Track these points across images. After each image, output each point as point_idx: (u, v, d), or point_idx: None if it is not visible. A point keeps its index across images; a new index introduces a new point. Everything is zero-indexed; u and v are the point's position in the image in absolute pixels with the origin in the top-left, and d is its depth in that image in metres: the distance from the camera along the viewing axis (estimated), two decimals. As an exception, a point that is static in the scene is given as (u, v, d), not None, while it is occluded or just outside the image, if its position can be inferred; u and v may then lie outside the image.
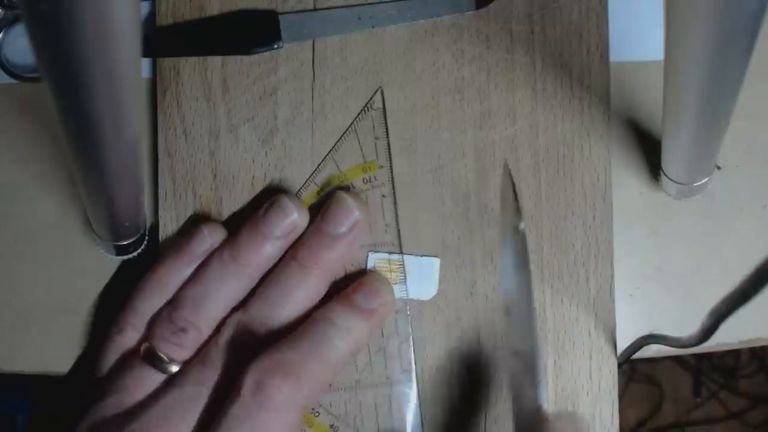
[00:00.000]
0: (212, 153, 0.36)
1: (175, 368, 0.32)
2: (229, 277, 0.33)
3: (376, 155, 0.35)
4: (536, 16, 0.36)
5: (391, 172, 0.35)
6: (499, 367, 0.35)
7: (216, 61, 0.36)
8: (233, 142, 0.36)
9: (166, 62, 0.36)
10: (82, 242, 0.36)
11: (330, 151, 0.35)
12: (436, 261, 0.35)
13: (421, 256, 0.35)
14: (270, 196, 0.34)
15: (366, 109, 0.35)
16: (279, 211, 0.33)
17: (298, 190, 0.35)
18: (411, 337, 0.35)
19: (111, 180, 0.27)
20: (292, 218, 0.33)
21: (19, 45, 0.37)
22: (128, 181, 0.28)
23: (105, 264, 0.36)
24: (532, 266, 0.35)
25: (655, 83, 0.35)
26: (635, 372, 1.19)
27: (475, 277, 0.35)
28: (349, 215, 0.33)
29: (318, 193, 0.35)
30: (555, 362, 0.35)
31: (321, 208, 0.34)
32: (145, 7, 0.36)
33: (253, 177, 0.36)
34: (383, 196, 0.35)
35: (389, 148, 0.35)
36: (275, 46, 0.36)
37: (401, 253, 0.35)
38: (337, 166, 0.35)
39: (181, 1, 0.36)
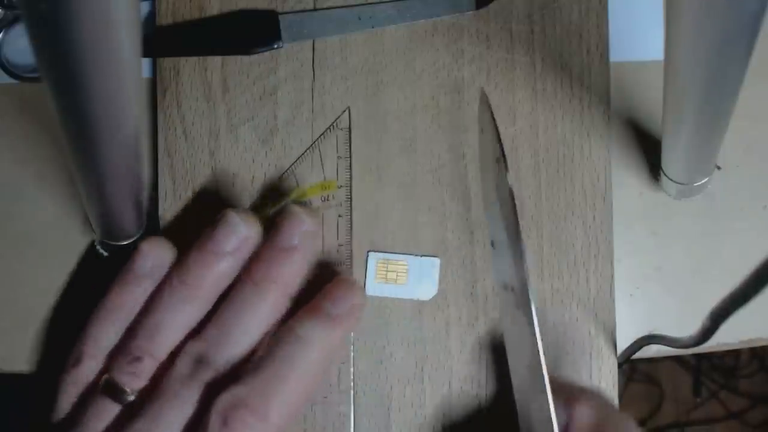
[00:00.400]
0: (212, 153, 0.36)
1: (129, 398, 0.31)
2: (179, 303, 0.31)
3: (337, 175, 0.35)
4: (536, 16, 0.36)
5: (350, 192, 0.35)
6: (498, 364, 0.35)
7: (216, 61, 0.36)
8: (233, 142, 0.36)
9: (166, 62, 0.36)
10: (82, 242, 0.36)
11: (291, 166, 0.35)
12: (437, 261, 0.35)
13: (421, 256, 0.35)
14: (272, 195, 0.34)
15: (332, 127, 0.35)
16: (226, 227, 0.31)
17: (252, 204, 0.35)
18: (351, 356, 0.35)
19: (111, 180, 0.27)
20: (241, 233, 0.31)
21: (19, 45, 0.37)
22: (128, 181, 0.28)
23: (105, 264, 0.36)
24: (533, 266, 0.35)
25: (655, 83, 0.35)
26: (635, 372, 1.19)
27: (475, 277, 0.35)
28: (301, 226, 0.32)
29: (274, 205, 0.35)
30: (555, 362, 0.35)
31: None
32: (145, 7, 0.36)
33: (253, 177, 0.36)
34: (339, 216, 0.35)
35: (351, 169, 0.35)
36: (275, 46, 0.36)
37: (351, 275, 0.35)
38: (297, 182, 0.35)
39: (181, 1, 0.36)
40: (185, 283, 0.31)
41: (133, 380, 0.31)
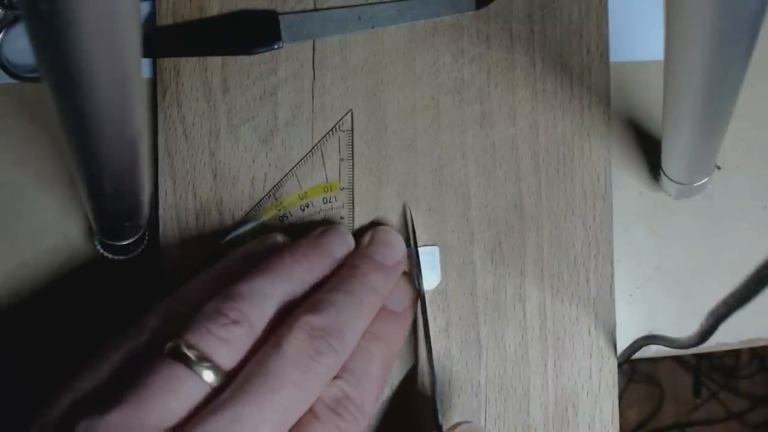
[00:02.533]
0: (212, 153, 0.36)
1: (208, 373, 0.26)
2: (290, 278, 0.30)
3: (339, 177, 0.35)
4: (536, 16, 0.36)
5: (353, 195, 0.35)
6: (496, 366, 0.35)
7: (216, 61, 0.36)
8: (233, 142, 0.36)
9: (166, 62, 0.36)
10: (82, 242, 0.36)
11: (293, 168, 0.35)
12: (436, 249, 0.35)
13: (421, 246, 0.35)
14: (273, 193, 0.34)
15: (334, 129, 0.35)
16: (339, 236, 0.33)
17: (256, 204, 0.35)
18: None
19: (111, 180, 0.27)
20: (350, 246, 0.33)
21: (19, 45, 0.37)
22: (128, 181, 0.28)
23: (105, 264, 0.36)
24: (533, 266, 0.35)
25: (655, 83, 0.35)
26: (635, 372, 1.19)
27: (475, 277, 0.35)
28: (400, 250, 0.34)
29: (276, 207, 0.35)
30: (555, 362, 0.35)
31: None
32: (145, 7, 0.36)
33: (253, 177, 0.36)
34: (341, 218, 0.35)
35: (353, 171, 0.35)
36: (275, 46, 0.36)
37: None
38: (299, 184, 0.35)
39: (181, 1, 0.36)
40: (300, 263, 0.31)
41: (221, 348, 0.26)
